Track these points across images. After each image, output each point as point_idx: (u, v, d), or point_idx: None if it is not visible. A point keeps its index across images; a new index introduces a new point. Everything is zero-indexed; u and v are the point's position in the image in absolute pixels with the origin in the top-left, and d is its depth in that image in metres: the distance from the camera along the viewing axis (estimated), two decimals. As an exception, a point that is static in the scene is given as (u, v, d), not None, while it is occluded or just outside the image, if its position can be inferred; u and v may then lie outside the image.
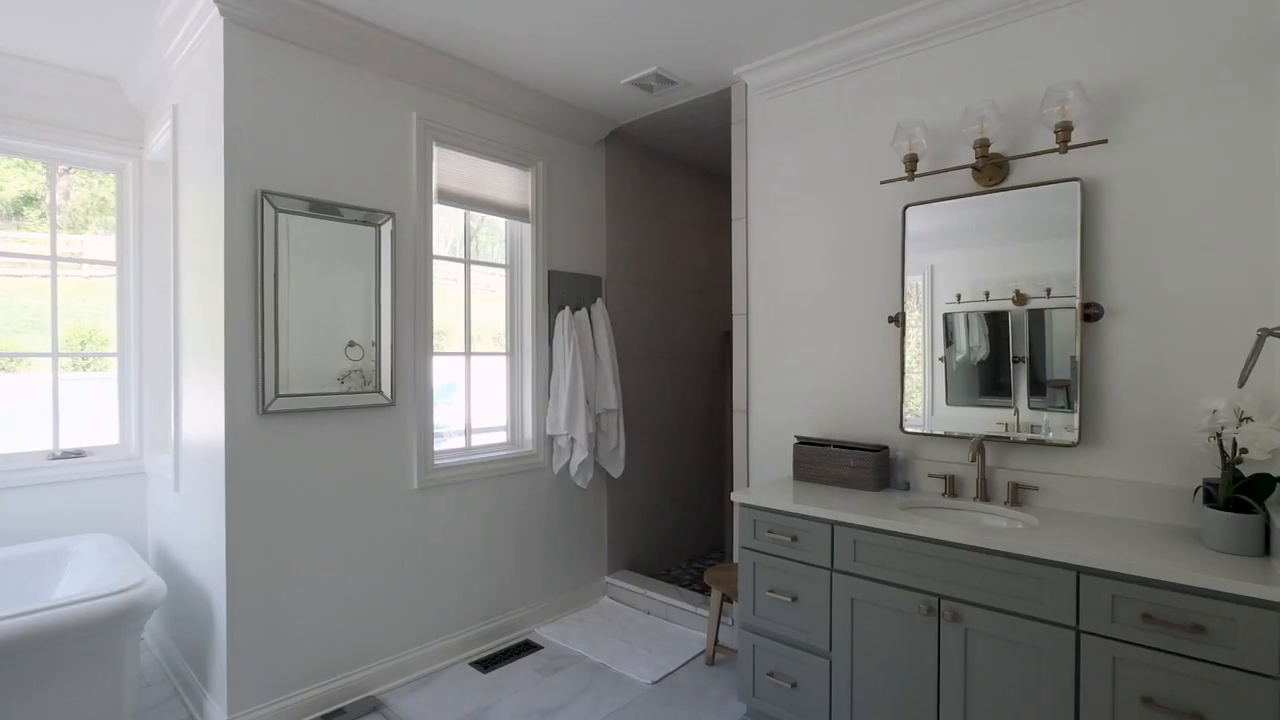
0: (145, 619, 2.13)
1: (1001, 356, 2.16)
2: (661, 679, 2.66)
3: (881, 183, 2.39)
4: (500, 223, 3.18)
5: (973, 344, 2.23)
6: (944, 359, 2.28)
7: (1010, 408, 2.13)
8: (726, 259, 4.15)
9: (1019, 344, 2.12)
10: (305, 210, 2.31)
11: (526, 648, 2.94)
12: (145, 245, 3.02)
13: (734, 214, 2.92)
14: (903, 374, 2.36)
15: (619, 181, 3.61)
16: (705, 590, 3.41)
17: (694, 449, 4.17)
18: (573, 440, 3.18)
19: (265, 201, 2.20)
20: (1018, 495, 2.12)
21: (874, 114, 2.48)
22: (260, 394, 2.21)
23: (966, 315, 2.23)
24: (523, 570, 3.10)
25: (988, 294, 2.18)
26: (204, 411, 2.33)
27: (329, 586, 2.40)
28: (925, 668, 1.87)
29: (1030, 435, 2.09)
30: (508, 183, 3.06)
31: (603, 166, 3.51)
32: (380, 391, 2.53)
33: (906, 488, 2.35)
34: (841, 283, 2.57)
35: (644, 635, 3.05)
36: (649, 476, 3.83)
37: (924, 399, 2.32)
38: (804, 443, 2.52)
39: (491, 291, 3.21)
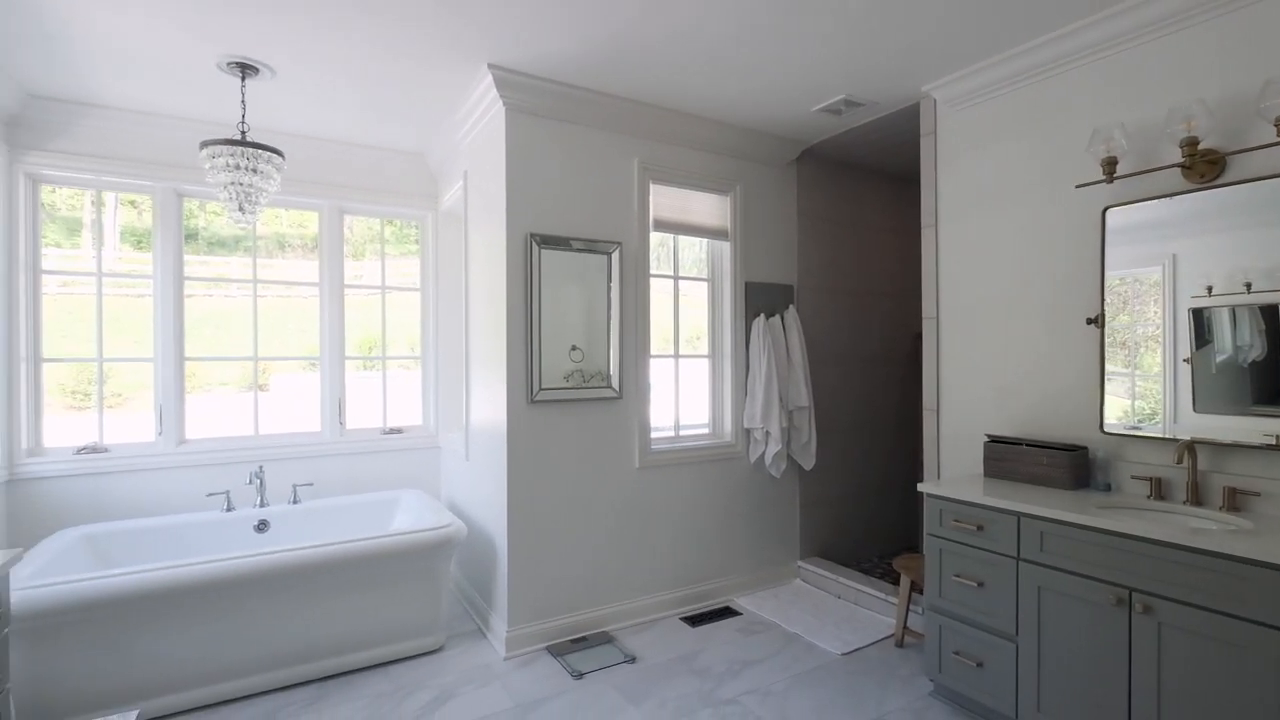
0: (453, 551, 2.93)
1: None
2: (851, 652, 2.92)
3: (1077, 187, 2.43)
4: (698, 239, 3.66)
5: (1241, 343, 2.02)
6: (1189, 360, 2.14)
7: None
8: (916, 262, 4.21)
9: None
10: (556, 245, 2.98)
11: (727, 612, 3.37)
12: (440, 275, 3.99)
13: (924, 221, 3.08)
14: (1103, 375, 2.37)
15: (810, 195, 3.90)
16: (895, 580, 3.56)
17: (884, 447, 4.29)
18: (767, 433, 3.55)
19: (532, 241, 2.90)
20: (1235, 500, 2.07)
21: (1066, 119, 2.51)
22: (529, 387, 2.92)
23: (1233, 310, 2.04)
24: (723, 545, 3.54)
25: (1248, 285, 1.99)
26: (489, 401, 3.10)
27: (574, 538, 3.05)
28: (1115, 656, 1.94)
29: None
30: (710, 207, 3.52)
31: (794, 184, 3.82)
32: (610, 386, 3.13)
33: (1107, 489, 2.36)
34: (1033, 286, 2.62)
35: (834, 615, 3.32)
36: (840, 471, 4.05)
37: (1164, 403, 2.20)
38: (995, 441, 2.63)
39: (686, 297, 3.70)
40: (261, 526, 3.23)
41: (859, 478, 4.17)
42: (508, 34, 2.44)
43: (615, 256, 3.13)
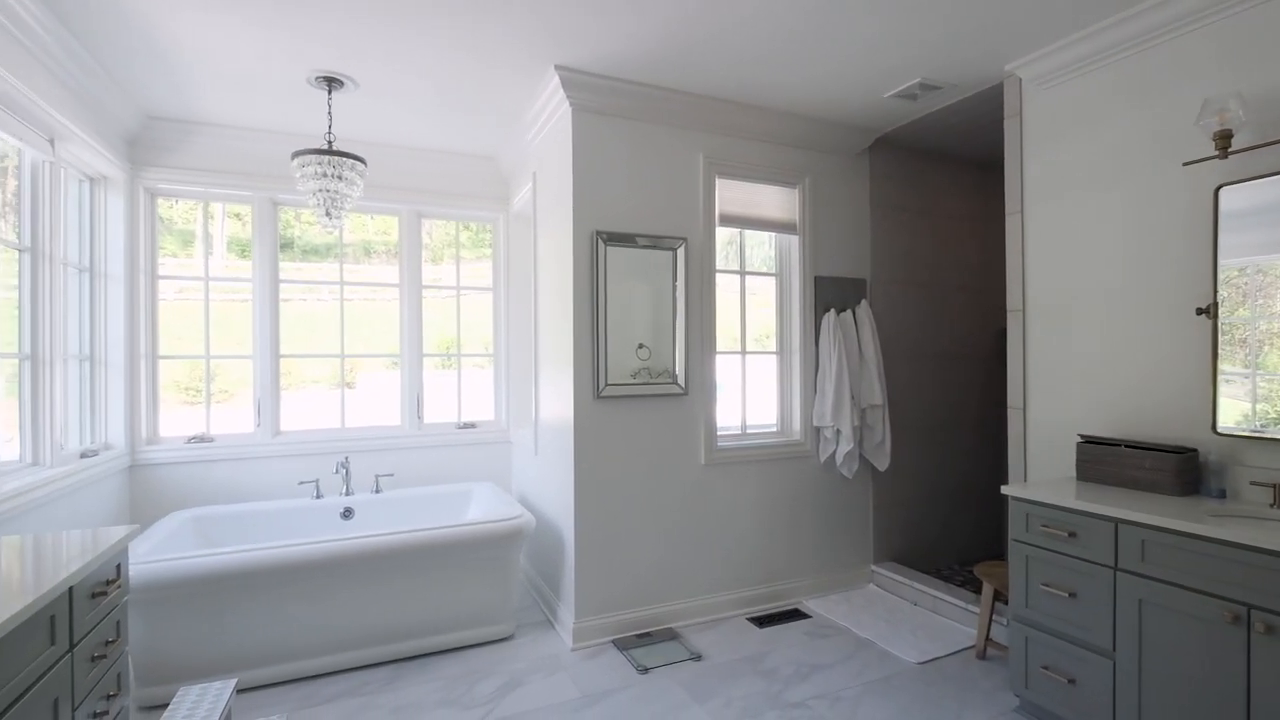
0: (523, 542, 3.00)
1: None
2: (928, 661, 2.79)
3: (1184, 165, 2.22)
4: (764, 233, 3.59)
5: None
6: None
7: None
8: (998, 253, 3.97)
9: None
10: (622, 242, 3.00)
11: (795, 614, 3.29)
12: (511, 275, 4.11)
13: (1008, 208, 2.90)
14: (1215, 370, 2.16)
15: (883, 185, 3.76)
16: (975, 588, 3.37)
17: (964, 448, 4.08)
18: (838, 432, 3.44)
19: (598, 238, 2.94)
20: (1379, 511, 1.83)
21: (1171, 91, 2.30)
22: (595, 383, 2.95)
23: None
24: (791, 546, 3.46)
25: None
26: (557, 397, 3.16)
27: (639, 534, 3.06)
28: (1230, 679, 1.76)
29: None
30: (777, 201, 3.45)
31: (866, 173, 3.69)
32: (676, 383, 3.12)
33: (1221, 495, 2.15)
34: (1132, 274, 2.42)
35: (909, 622, 3.17)
36: (916, 472, 3.88)
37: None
38: (1089, 442, 2.44)
39: (754, 296, 3.63)
40: (347, 514, 3.42)
41: (936, 480, 3.97)
42: (574, 31, 2.48)
43: (681, 252, 3.12)
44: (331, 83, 2.83)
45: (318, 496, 3.42)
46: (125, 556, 1.76)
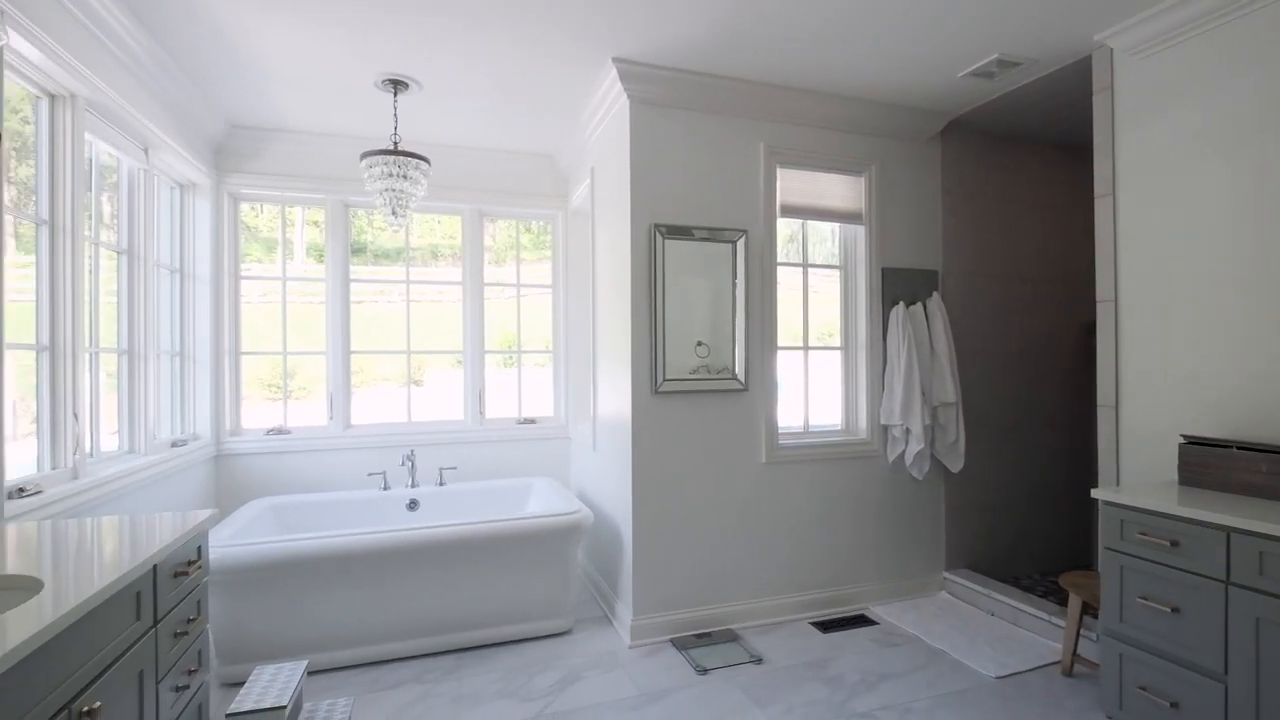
0: (582, 537, 3.00)
1: None
2: (1007, 676, 2.61)
3: (1309, 134, 1.99)
4: (826, 224, 3.46)
5: None
6: None
7: None
8: (1084, 241, 3.68)
9: None
10: (680, 235, 2.95)
11: (861, 620, 3.16)
12: (570, 272, 4.13)
13: (1098, 190, 2.69)
14: (1347, 363, 1.92)
15: (956, 172, 3.56)
16: (1060, 599, 3.15)
17: (1046, 450, 3.81)
18: (908, 431, 3.28)
19: (656, 232, 2.90)
20: None
21: (1298, 52, 2.06)
22: (653, 378, 2.92)
23: None
24: (857, 549, 3.32)
25: None
26: (615, 392, 3.15)
27: (699, 532, 3.01)
28: (1369, 711, 1.56)
29: None
30: (842, 190, 3.33)
31: (938, 160, 3.51)
32: (736, 378, 3.05)
33: (1355, 504, 1.91)
34: (1248, 257, 2.19)
35: (986, 633, 2.99)
36: (993, 475, 3.66)
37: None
38: (1194, 443, 2.23)
39: (816, 293, 3.51)
40: (412, 505, 3.52)
41: (1015, 483, 3.73)
42: (632, 21, 2.46)
43: (741, 245, 3.05)
44: (397, 85, 2.91)
45: (385, 488, 3.53)
46: (205, 539, 1.85)
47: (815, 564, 3.23)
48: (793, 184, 3.22)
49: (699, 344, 3.01)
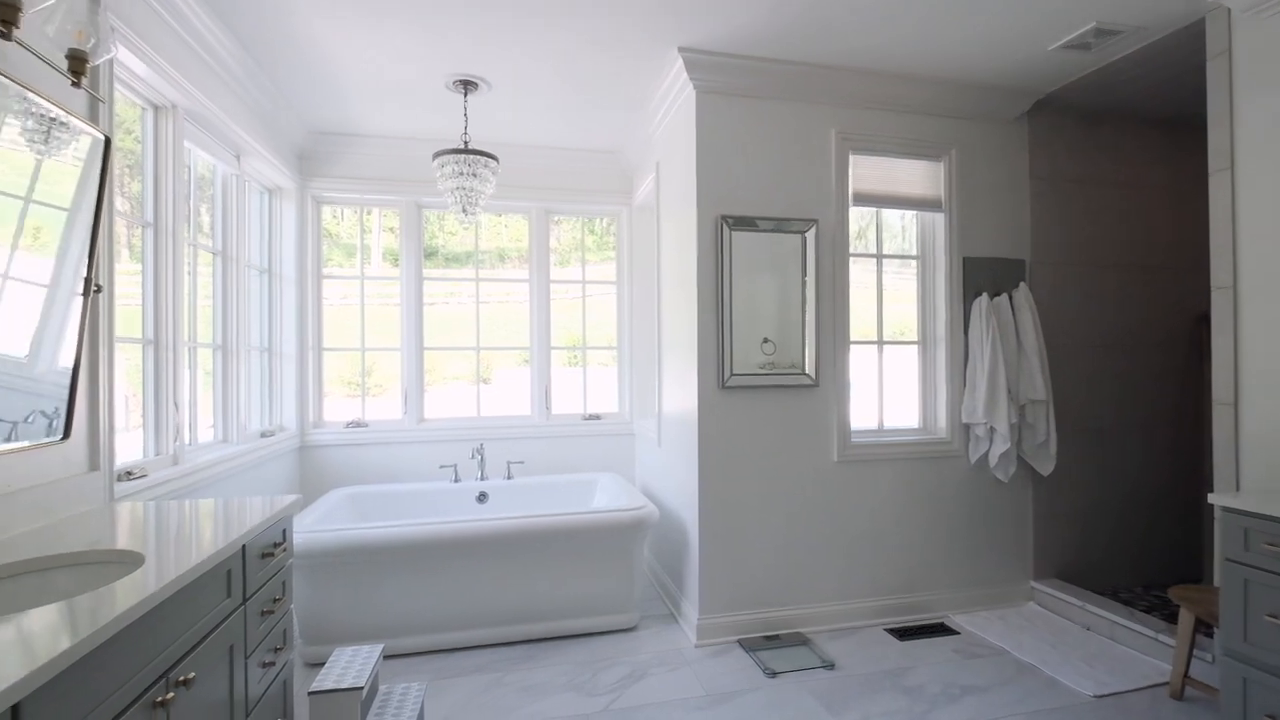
0: (647, 532, 2.98)
1: None
2: (1106, 695, 2.41)
3: None
4: (897, 217, 3.31)
5: None
6: None
7: None
8: (1193, 225, 3.38)
9: None
10: (748, 226, 2.89)
11: (941, 629, 3.00)
12: (635, 268, 4.12)
13: (1212, 165, 2.45)
14: None
15: (1046, 153, 3.33)
16: (1167, 615, 2.89)
17: (1149, 453, 3.51)
18: (992, 430, 3.10)
19: (723, 223, 2.85)
20: None
21: None
22: (720, 373, 2.86)
23: None
24: (936, 554, 3.15)
25: None
26: (680, 387, 3.11)
27: (768, 531, 2.93)
28: None
29: None
30: (919, 176, 3.17)
31: (1025, 141, 3.29)
32: (805, 374, 2.95)
33: None
34: (1402, 235, 1.93)
35: (1081, 649, 2.78)
36: (1088, 479, 3.40)
37: None
38: (1331, 444, 1.98)
39: (892, 291, 3.36)
40: (482, 497, 3.59)
41: (1112, 487, 3.45)
42: (697, 9, 2.41)
43: (811, 235, 2.95)
44: (467, 85, 2.98)
45: (456, 480, 3.62)
46: (290, 522, 1.93)
47: (891, 568, 3.09)
48: (866, 171, 3.09)
49: (765, 341, 2.93)
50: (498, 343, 4.10)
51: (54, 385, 1.64)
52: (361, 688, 1.98)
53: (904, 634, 2.95)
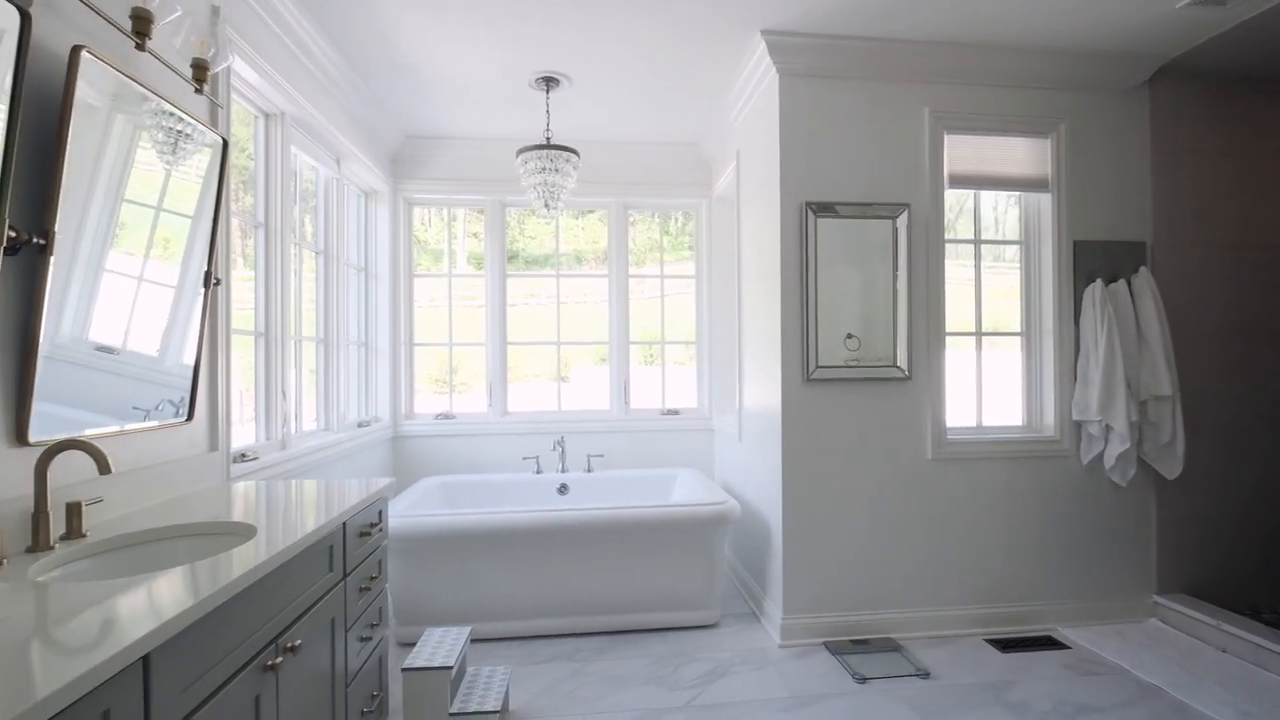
0: (729, 528, 2.92)
1: None
2: (1250, 725, 2.15)
3: None
4: (988, 201, 3.08)
5: None
6: None
7: None
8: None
9: None
10: (833, 213, 2.77)
11: (1049, 643, 2.77)
12: (714, 261, 4.07)
13: (1382, 129, 2.13)
14: None
15: (1170, 125, 3.02)
16: (1327, 643, 2.54)
17: (1302, 458, 3.11)
18: (1108, 429, 2.84)
19: (807, 209, 2.75)
20: None
21: None
22: (805, 365, 2.77)
23: None
24: (1043, 562, 2.92)
25: None
26: (762, 381, 3.03)
27: (855, 530, 2.81)
28: None
29: None
30: (1022, 154, 2.95)
31: (1145, 112, 3.00)
32: (896, 366, 2.81)
33: None
34: None
35: (1215, 672, 2.49)
36: (1220, 483, 3.05)
37: None
38: None
39: (994, 288, 3.14)
40: (563, 489, 3.64)
41: (1250, 494, 3.08)
42: (781, -9, 2.34)
43: (902, 220, 2.80)
44: (549, 82, 3.02)
45: (538, 472, 3.70)
46: (385, 504, 2.01)
47: (992, 575, 2.89)
48: (962, 151, 2.91)
49: (849, 336, 2.81)
50: (577, 340, 4.15)
51: (179, 378, 1.79)
52: (451, 667, 2.04)
53: (1006, 645, 2.75)
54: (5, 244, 1.18)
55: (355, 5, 2.43)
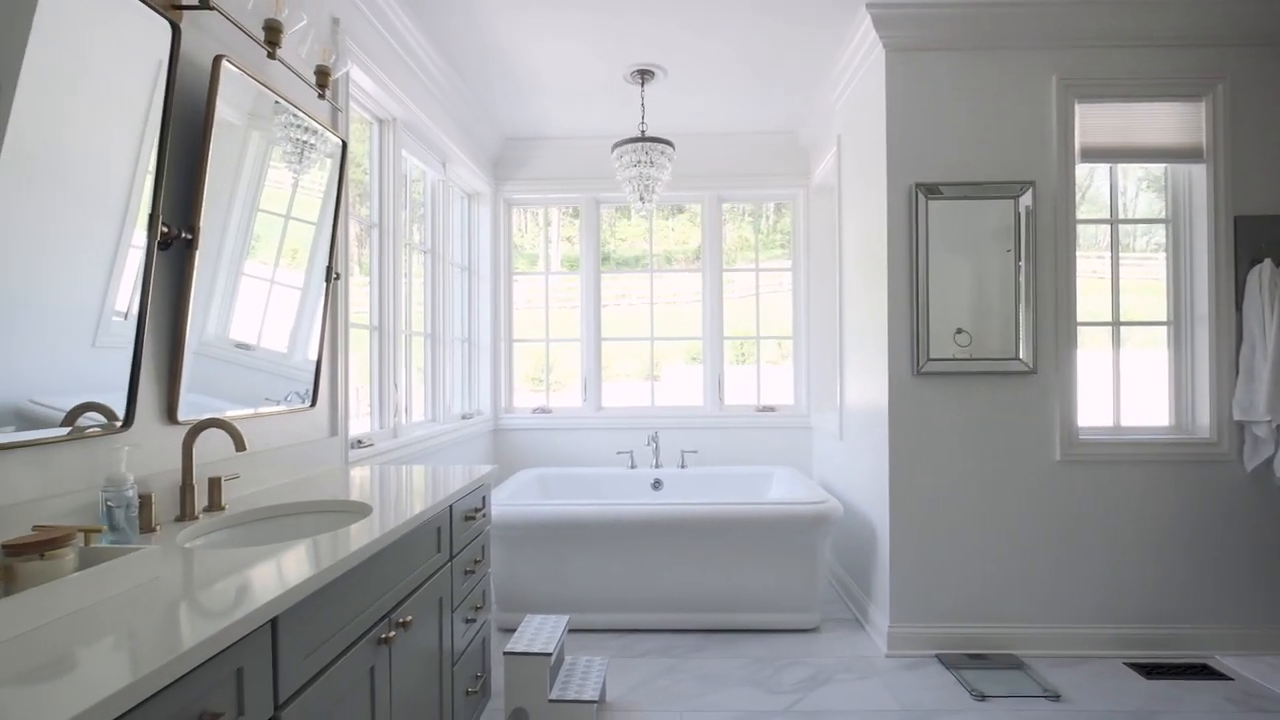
0: (830, 529, 2.79)
1: None
2: None
3: None
4: (1117, 179, 2.75)
5: None
6: None
7: None
8: None
9: None
10: (945, 194, 2.58)
11: (1203, 671, 2.45)
12: (812, 253, 3.92)
13: None
14: None
15: (1362, 78, 2.59)
16: None
17: None
18: (1278, 430, 2.47)
19: (917, 191, 2.58)
20: None
21: None
22: (914, 358, 2.60)
23: None
24: (1194, 579, 2.59)
25: None
26: (867, 375, 2.88)
27: (970, 536, 2.60)
28: None
29: None
30: (1168, 121, 2.63)
31: (1329, 65, 2.59)
32: (1019, 359, 2.58)
33: None
34: None
35: None
36: None
37: None
38: None
39: (1107, 275, 2.81)
40: (657, 484, 3.63)
41: None
42: (889, -42, 2.21)
43: (1026, 199, 2.57)
44: (644, 75, 3.02)
45: (632, 466, 3.70)
46: (488, 490, 2.07)
47: (1132, 591, 2.59)
48: (1096, 121, 2.63)
49: (959, 331, 2.60)
50: (669, 341, 4.13)
51: (304, 371, 1.92)
52: (550, 654, 2.07)
53: (1151, 671, 2.45)
54: (159, 239, 1.29)
55: (457, 7, 2.52)
